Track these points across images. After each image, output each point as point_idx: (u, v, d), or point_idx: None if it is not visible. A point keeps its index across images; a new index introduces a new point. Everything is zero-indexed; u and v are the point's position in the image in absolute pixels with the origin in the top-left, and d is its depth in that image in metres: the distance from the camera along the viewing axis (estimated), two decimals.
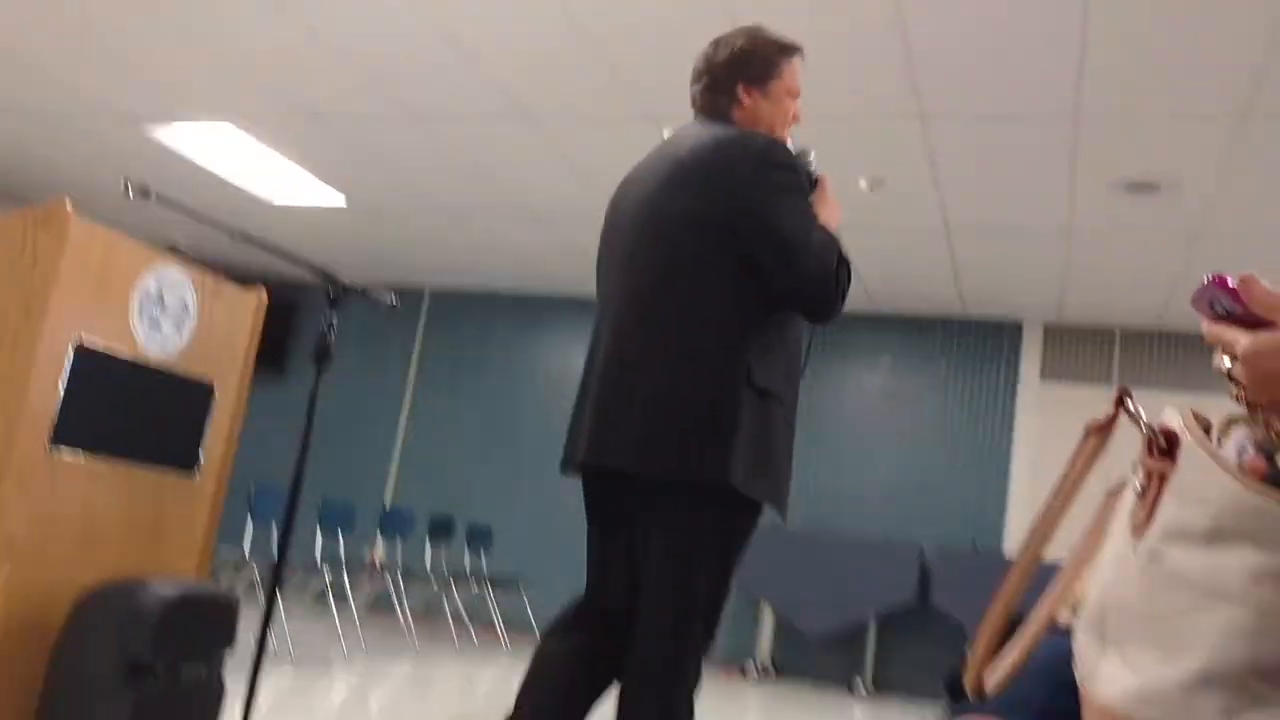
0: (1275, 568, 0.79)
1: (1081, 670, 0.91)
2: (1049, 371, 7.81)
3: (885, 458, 7.91)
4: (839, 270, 2.12)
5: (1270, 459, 1.05)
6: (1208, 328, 0.90)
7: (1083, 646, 0.92)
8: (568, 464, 2.29)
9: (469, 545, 7.84)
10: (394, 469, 9.07)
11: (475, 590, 7.33)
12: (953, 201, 5.82)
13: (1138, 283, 6.74)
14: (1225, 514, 0.81)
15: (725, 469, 2.04)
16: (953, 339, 7.99)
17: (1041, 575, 1.03)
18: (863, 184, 2.27)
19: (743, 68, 2.30)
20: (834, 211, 2.24)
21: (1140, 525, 0.87)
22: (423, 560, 7.36)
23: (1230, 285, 0.87)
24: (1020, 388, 7.84)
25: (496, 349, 9.09)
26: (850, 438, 8.03)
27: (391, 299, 3.10)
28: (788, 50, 2.35)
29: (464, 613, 6.99)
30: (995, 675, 0.96)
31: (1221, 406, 0.98)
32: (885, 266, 6.83)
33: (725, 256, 2.11)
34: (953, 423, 7.89)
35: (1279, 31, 3.82)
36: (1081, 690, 0.90)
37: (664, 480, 2.09)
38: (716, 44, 2.35)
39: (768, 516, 2.26)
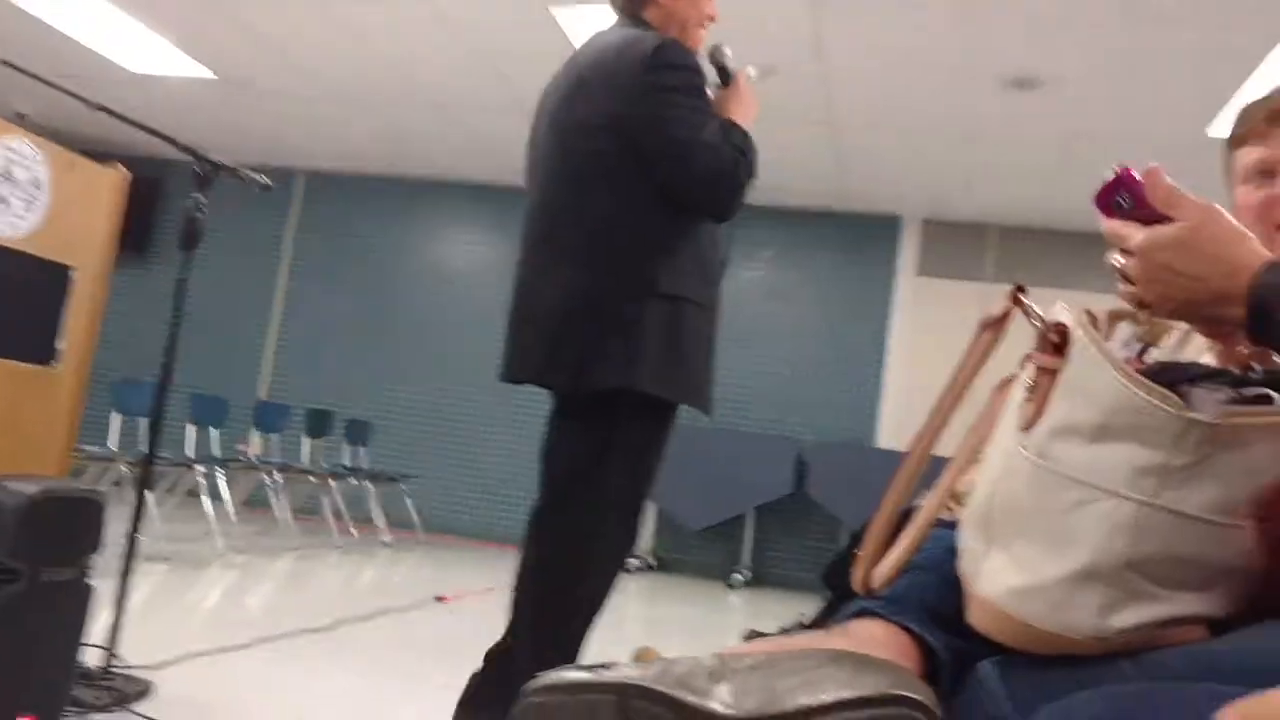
0: (1157, 463, 0.80)
1: (966, 567, 0.92)
2: (926, 267, 7.98)
3: (765, 351, 8.02)
4: (736, 168, 2.12)
5: (1150, 356, 1.06)
6: (1106, 224, 0.90)
7: (968, 543, 0.92)
8: (502, 376, 2.33)
9: (348, 440, 7.72)
10: (268, 361, 8.82)
11: (355, 485, 7.25)
12: (839, 93, 5.81)
13: (1016, 179, 6.89)
14: (1111, 410, 0.81)
15: (630, 376, 2.08)
16: (833, 232, 8.07)
17: (928, 471, 1.03)
18: (752, 71, 2.27)
19: None
20: (745, 107, 2.24)
21: (1029, 421, 0.87)
22: (300, 456, 7.23)
23: (1136, 177, 0.88)
24: (897, 282, 8.00)
25: (376, 236, 8.81)
26: (730, 331, 8.04)
27: (264, 179, 2.95)
28: None
29: (343, 509, 6.91)
30: (881, 571, 0.97)
31: (1099, 303, 0.98)
32: (770, 158, 6.77)
33: (621, 163, 2.13)
34: (831, 317, 8.02)
35: None
36: (964, 587, 0.91)
37: (572, 392, 2.16)
38: None
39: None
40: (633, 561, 7.57)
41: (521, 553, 2.21)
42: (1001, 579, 0.86)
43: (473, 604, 5.03)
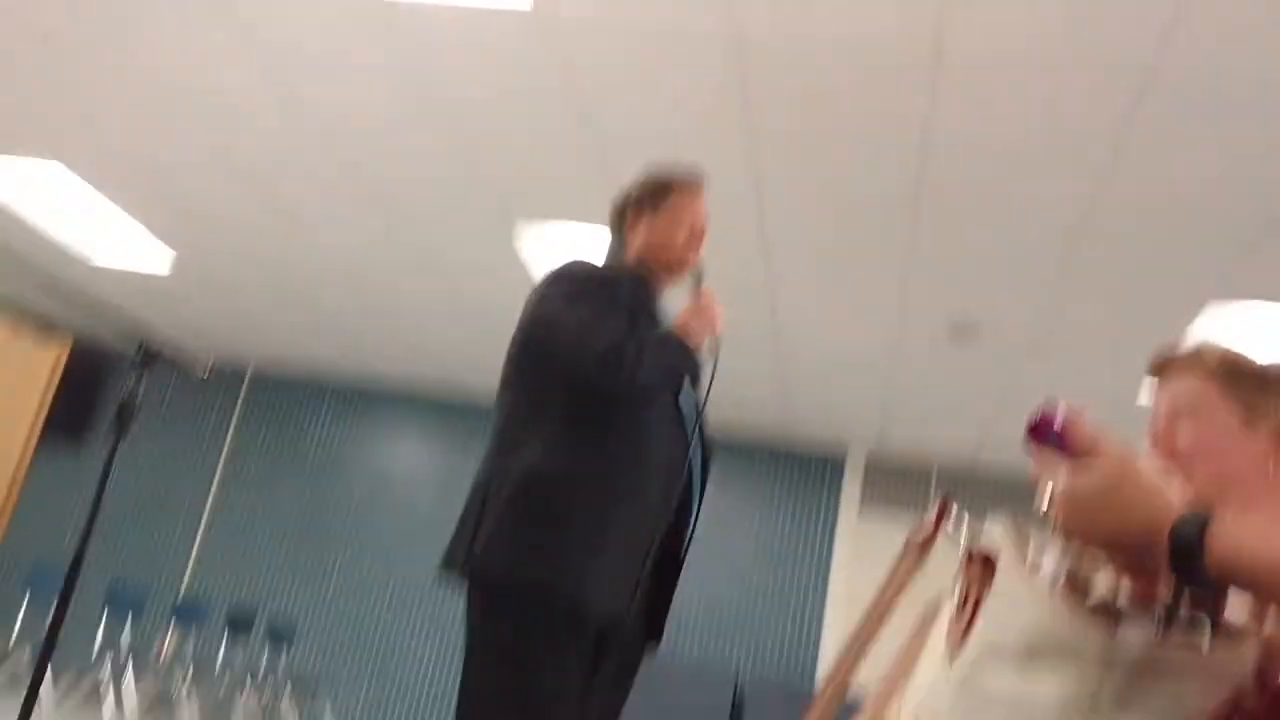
0: (1087, 692, 0.77)
1: None
2: (868, 503, 8.01)
3: (708, 580, 7.87)
4: (616, 347, 2.10)
5: (1079, 585, 1.05)
6: (1036, 464, 0.93)
7: None
8: None
9: (269, 640, 7.38)
10: (194, 555, 8.51)
11: (272, 688, 6.87)
12: (787, 329, 5.99)
13: (955, 420, 7.04)
14: (1041, 635, 0.79)
15: (483, 556, 2.04)
16: (779, 467, 8.12)
17: (855, 705, 1.00)
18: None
19: (631, 205, 2.45)
20: (690, 315, 2.31)
21: (956, 641, 0.85)
22: (216, 656, 6.89)
23: (1059, 419, 0.92)
24: (840, 518, 8.00)
25: (318, 439, 8.72)
26: None
27: (204, 371, 2.94)
28: (678, 178, 2.47)
29: (256, 716, 6.53)
30: None
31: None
32: (720, 388, 6.91)
33: (524, 361, 2.25)
34: (776, 551, 7.95)
35: (1097, 192, 4.11)
36: None
37: (454, 576, 2.12)
38: (619, 195, 2.50)
39: None
40: None
41: None
42: None
43: None
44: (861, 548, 7.85)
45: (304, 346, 8.19)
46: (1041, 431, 0.94)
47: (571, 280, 2.27)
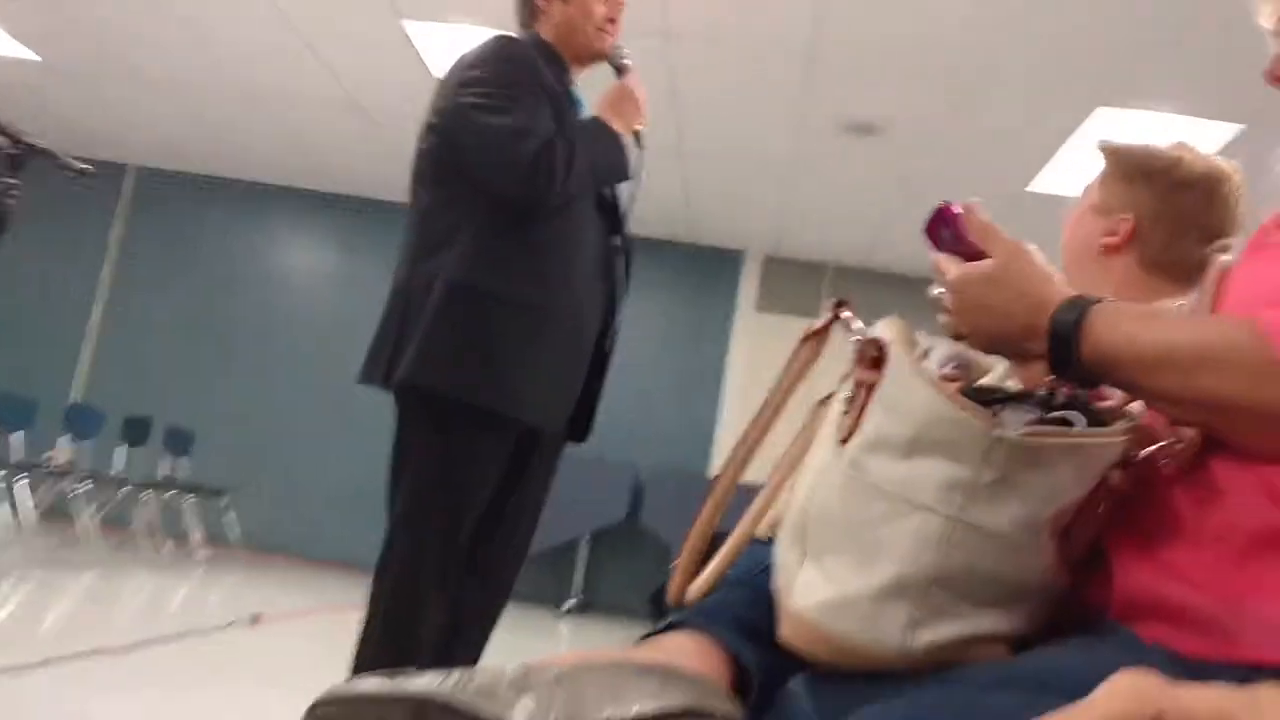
0: (966, 478, 0.81)
1: (779, 582, 0.91)
2: (764, 302, 8.16)
3: (608, 378, 8.00)
4: (546, 153, 2.03)
5: (967, 374, 1.09)
6: (932, 256, 0.95)
7: (783, 557, 0.92)
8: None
9: (167, 449, 7.34)
10: (85, 362, 8.31)
11: (172, 497, 6.88)
12: (688, 125, 5.90)
13: (850, 220, 7.12)
14: (924, 424, 0.82)
15: (417, 371, 2.02)
16: (678, 263, 8.17)
17: (748, 493, 1.03)
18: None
19: None
20: (619, 105, 2.24)
21: (845, 434, 0.87)
22: (113, 464, 6.83)
23: (956, 213, 0.93)
24: (737, 315, 8.15)
25: (211, 238, 8.41)
26: None
27: (84, 166, 2.76)
28: None
29: (157, 523, 6.55)
30: (696, 585, 0.96)
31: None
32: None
33: (440, 158, 2.15)
34: (672, 347, 8.10)
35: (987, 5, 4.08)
36: (776, 601, 0.90)
37: (382, 387, 2.11)
38: None
39: None
40: None
41: None
42: (812, 593, 0.86)
43: (293, 626, 4.82)
44: (758, 344, 8.04)
45: (190, 147, 7.79)
46: (936, 228, 0.95)
47: (493, 66, 2.13)
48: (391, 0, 4.89)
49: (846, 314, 0.96)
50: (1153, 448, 0.83)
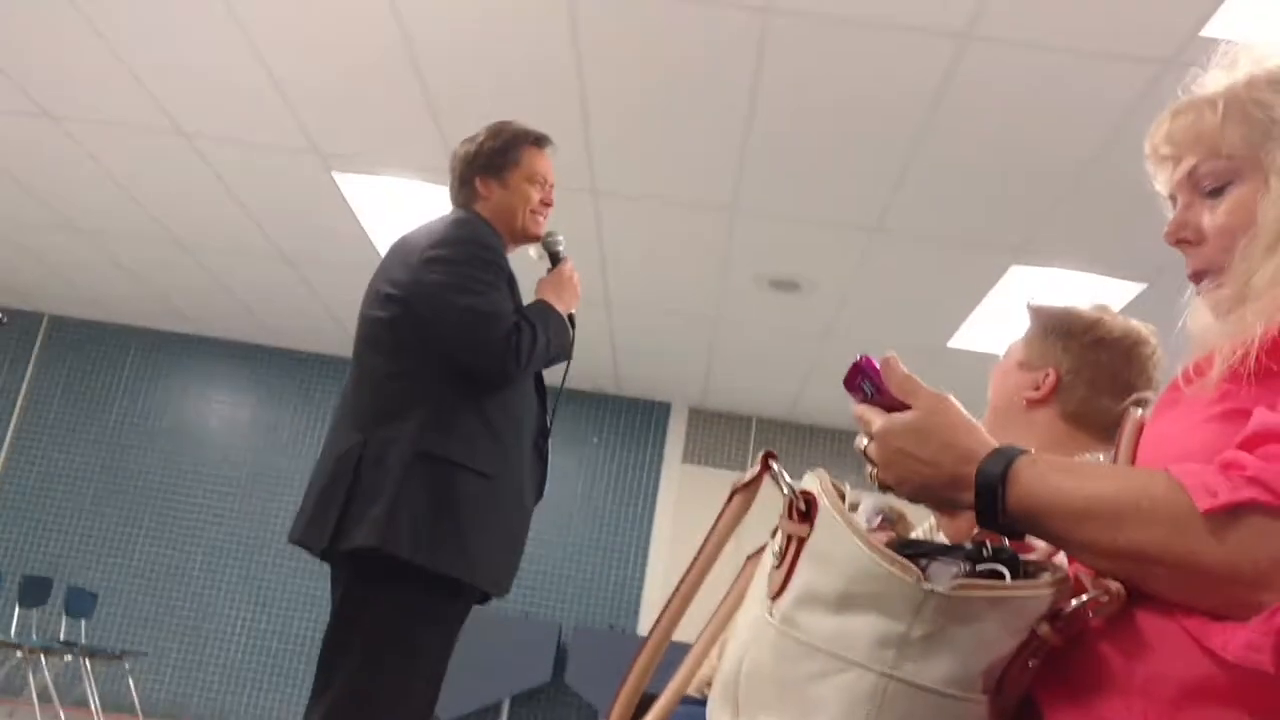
0: (898, 633, 0.80)
1: None
2: (691, 454, 8.17)
3: (533, 527, 7.87)
4: (515, 334, 2.15)
5: (894, 527, 1.09)
6: (855, 408, 0.96)
7: (715, 717, 0.89)
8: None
9: (66, 611, 6.97)
10: None
11: (70, 663, 6.51)
12: (614, 279, 6.00)
13: (775, 374, 7.23)
14: (854, 579, 0.81)
15: (382, 537, 2.00)
16: (605, 415, 8.17)
17: (677, 651, 1.01)
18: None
19: (480, 162, 2.40)
20: (561, 289, 2.38)
21: (776, 589, 0.86)
22: (9, 626, 6.46)
23: (875, 366, 0.95)
24: (664, 467, 8.13)
25: (122, 390, 8.19)
26: None
27: None
28: (527, 139, 2.44)
29: (53, 690, 6.16)
30: None
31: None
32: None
33: (401, 328, 2.19)
34: (599, 499, 8.02)
35: (910, 159, 4.27)
36: None
37: (327, 551, 2.08)
38: (465, 141, 2.45)
39: None
40: None
41: None
42: None
43: None
44: (685, 497, 8.00)
45: (106, 294, 7.66)
46: (856, 380, 0.96)
47: (462, 248, 2.22)
48: (320, 152, 4.96)
49: (777, 466, 0.96)
50: (1081, 599, 0.83)
